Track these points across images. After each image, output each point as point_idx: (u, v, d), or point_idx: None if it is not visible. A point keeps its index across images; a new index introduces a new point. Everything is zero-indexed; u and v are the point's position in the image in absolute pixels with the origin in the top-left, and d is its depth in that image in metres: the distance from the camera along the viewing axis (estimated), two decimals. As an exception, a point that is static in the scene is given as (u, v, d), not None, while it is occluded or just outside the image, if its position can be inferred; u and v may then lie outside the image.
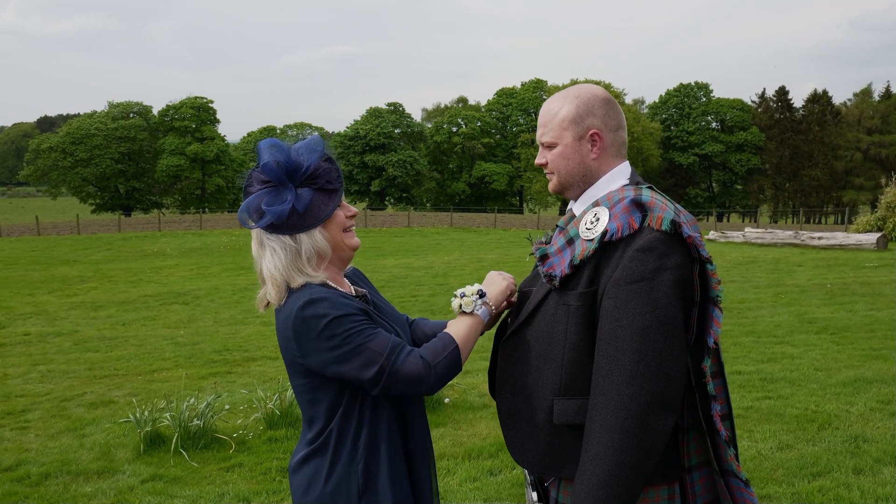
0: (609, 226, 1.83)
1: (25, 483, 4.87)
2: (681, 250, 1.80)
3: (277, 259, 1.95)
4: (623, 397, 1.74)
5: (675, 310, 1.78)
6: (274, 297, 1.97)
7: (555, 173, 2.04)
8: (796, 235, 22.32)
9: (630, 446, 1.73)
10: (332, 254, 2.03)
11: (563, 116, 1.99)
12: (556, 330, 1.90)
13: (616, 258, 1.81)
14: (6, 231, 39.38)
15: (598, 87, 2.03)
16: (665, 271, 1.77)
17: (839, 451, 4.70)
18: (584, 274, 1.86)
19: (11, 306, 13.55)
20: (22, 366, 8.63)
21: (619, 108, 2.03)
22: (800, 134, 61.39)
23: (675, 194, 63.28)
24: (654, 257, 1.77)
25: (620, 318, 1.77)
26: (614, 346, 1.77)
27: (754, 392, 6.25)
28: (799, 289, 12.91)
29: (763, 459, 4.64)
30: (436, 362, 1.91)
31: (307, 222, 1.96)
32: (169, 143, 58.97)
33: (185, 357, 8.81)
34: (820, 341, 8.42)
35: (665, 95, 65.94)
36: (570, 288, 1.88)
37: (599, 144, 1.99)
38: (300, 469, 2.01)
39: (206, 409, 5.47)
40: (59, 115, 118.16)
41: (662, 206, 1.84)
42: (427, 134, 64.05)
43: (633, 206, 1.84)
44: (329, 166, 2.03)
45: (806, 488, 4.14)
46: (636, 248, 1.79)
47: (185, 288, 15.54)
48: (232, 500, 4.43)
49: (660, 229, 1.79)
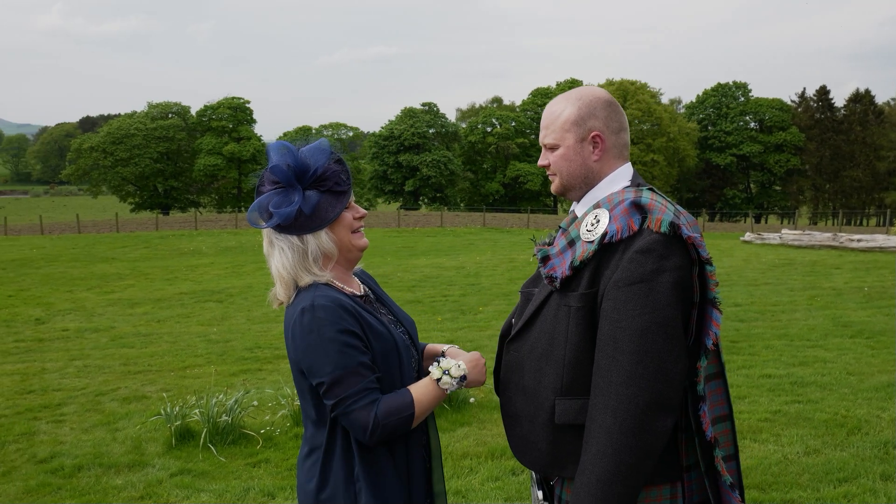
0: (609, 227, 1.85)
1: (59, 475, 5.00)
2: (680, 252, 1.82)
3: (285, 258, 2.01)
4: (622, 398, 1.75)
5: (675, 311, 1.78)
6: (282, 294, 2.04)
7: (557, 175, 2.06)
8: (835, 237, 21.94)
9: (629, 447, 1.74)
10: (339, 255, 2.08)
11: (566, 118, 2.01)
12: (557, 331, 1.92)
13: (616, 260, 1.83)
14: (48, 229, 40.25)
15: (601, 90, 2.05)
16: (664, 273, 1.78)
17: (867, 457, 4.63)
18: (584, 275, 1.87)
19: (51, 302, 13.86)
20: (60, 360, 8.83)
21: (621, 110, 2.04)
22: (841, 134, 60.23)
23: (712, 195, 62.49)
24: (654, 259, 1.79)
25: (620, 320, 1.79)
26: (614, 346, 1.79)
27: (783, 396, 6.18)
28: (835, 292, 12.70)
29: (789, 464, 4.59)
30: (386, 421, 1.93)
31: (314, 224, 2.01)
32: (206, 143, 59.73)
33: (217, 354, 8.94)
34: (854, 345, 8.28)
35: (702, 95, 65.16)
36: (570, 289, 1.89)
37: (601, 146, 2.00)
38: (303, 464, 2.07)
39: (234, 406, 5.56)
40: (100, 116, 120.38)
41: (662, 208, 1.85)
42: (461, 134, 64.03)
43: (633, 207, 1.85)
44: (339, 168, 2.07)
45: (831, 493, 4.09)
46: (635, 250, 1.80)
47: (219, 286, 15.76)
48: (257, 495, 4.50)
49: (659, 231, 1.80)
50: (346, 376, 1.92)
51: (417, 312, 11.35)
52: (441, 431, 5.56)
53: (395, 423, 1.95)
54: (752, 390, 6.39)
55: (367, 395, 1.93)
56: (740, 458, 4.69)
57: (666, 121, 58.89)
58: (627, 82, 62.52)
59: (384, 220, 43.15)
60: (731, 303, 11.73)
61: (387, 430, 1.93)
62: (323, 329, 1.92)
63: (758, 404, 5.95)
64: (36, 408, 6.72)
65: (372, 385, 1.95)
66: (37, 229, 40.05)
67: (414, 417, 1.97)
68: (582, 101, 2.01)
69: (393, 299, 2.32)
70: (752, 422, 5.48)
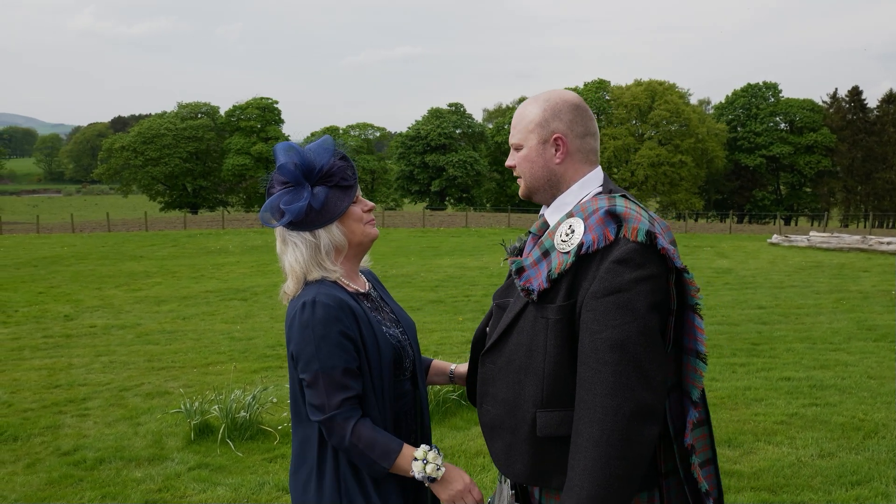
0: (585, 238, 1.84)
1: (81, 467, 5.12)
2: (657, 260, 1.81)
3: (299, 253, 2.08)
4: (607, 409, 1.74)
5: (654, 319, 1.78)
6: (292, 288, 2.11)
7: (521, 176, 2.05)
8: (864, 240, 21.65)
9: (617, 458, 1.73)
10: (349, 248, 2.14)
11: (530, 119, 2.01)
12: (535, 343, 1.90)
13: (593, 270, 1.81)
14: (79, 227, 40.90)
15: (571, 93, 2.03)
16: (642, 282, 1.77)
17: (882, 461, 4.60)
18: (561, 287, 1.85)
19: (80, 299, 14.11)
20: (86, 356, 9.00)
21: (589, 115, 2.03)
22: (873, 135, 59.29)
23: (741, 197, 61.81)
24: (631, 269, 1.78)
25: (600, 331, 1.77)
26: (595, 358, 1.77)
27: (801, 399, 6.14)
28: (862, 295, 12.56)
29: (802, 466, 4.58)
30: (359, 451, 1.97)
31: (324, 218, 2.08)
32: (235, 143, 60.30)
33: (240, 351, 9.06)
34: (878, 349, 8.20)
35: (732, 96, 64.50)
36: (548, 301, 1.87)
37: (563, 149, 1.99)
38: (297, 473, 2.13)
39: (252, 402, 5.65)
40: (131, 116, 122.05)
41: (637, 217, 1.84)
42: (488, 134, 63.99)
43: (608, 217, 1.84)
44: (344, 164, 2.13)
45: (842, 496, 4.07)
46: (612, 261, 1.79)
47: (244, 284, 15.94)
48: (272, 490, 4.58)
49: (636, 240, 1.79)
50: (328, 378, 1.97)
51: (439, 312, 11.40)
52: (455, 430, 5.61)
53: (363, 461, 1.98)
54: (769, 393, 6.36)
55: (351, 412, 1.98)
56: (754, 459, 4.69)
57: (694, 121, 58.38)
58: (656, 82, 62.08)
59: (409, 220, 43.27)
60: (755, 305, 11.65)
61: (354, 454, 1.97)
62: (318, 326, 1.98)
63: (775, 407, 5.92)
64: (62, 402, 6.87)
65: (353, 395, 1.99)
66: (68, 227, 40.72)
67: (383, 470, 1.99)
68: (548, 103, 2.01)
69: (412, 299, 2.37)
70: (768, 424, 5.46)
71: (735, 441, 5.11)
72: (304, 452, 2.10)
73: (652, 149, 58.83)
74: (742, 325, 9.88)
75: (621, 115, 61.19)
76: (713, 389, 6.55)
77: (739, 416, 5.70)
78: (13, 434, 5.87)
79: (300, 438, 2.12)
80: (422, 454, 2.01)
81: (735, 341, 8.80)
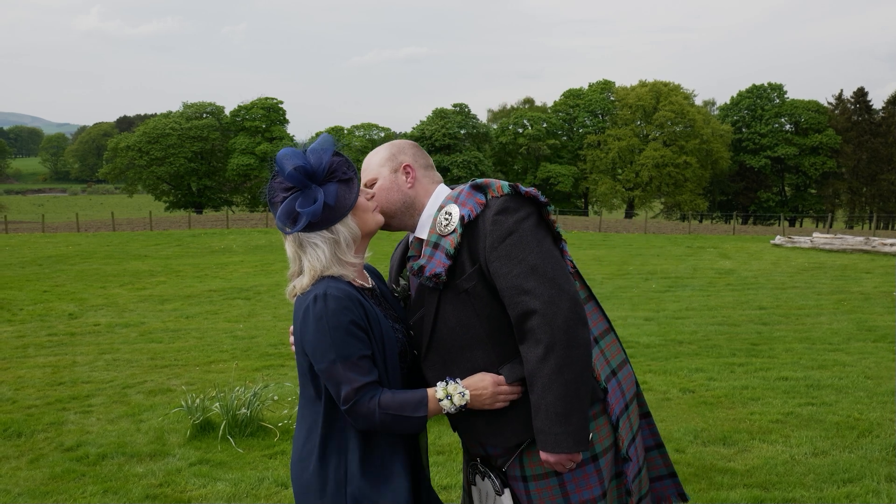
0: (463, 212, 2.13)
1: (84, 462, 5.18)
2: (527, 202, 2.12)
3: (321, 252, 2.13)
4: (542, 327, 1.98)
5: (548, 243, 2.10)
6: (305, 283, 2.14)
7: (378, 205, 2.30)
8: (867, 241, 21.64)
9: (567, 365, 1.98)
10: (361, 238, 2.21)
11: (380, 157, 2.36)
12: (466, 317, 2.13)
13: (482, 231, 2.09)
14: (84, 226, 41.07)
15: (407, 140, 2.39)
16: (524, 220, 2.08)
17: (875, 459, 4.64)
18: (463, 258, 2.11)
19: (85, 298, 14.20)
20: (90, 354, 9.08)
21: (425, 152, 2.38)
22: (879, 136, 59.19)
23: (746, 198, 61.72)
24: (510, 214, 2.08)
25: (510, 270, 2.04)
26: (517, 292, 2.02)
27: (798, 398, 6.18)
28: (863, 296, 12.58)
29: (795, 464, 4.62)
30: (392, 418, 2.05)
31: (339, 213, 2.14)
32: (240, 143, 60.41)
33: (242, 350, 9.13)
34: (876, 350, 8.23)
35: (736, 97, 64.42)
36: (457, 276, 2.12)
37: (412, 175, 2.32)
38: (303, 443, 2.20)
39: (253, 399, 5.72)
40: (137, 116, 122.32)
41: (495, 180, 2.16)
42: (492, 135, 64.03)
43: (473, 189, 2.16)
44: (340, 159, 2.19)
45: (833, 494, 4.12)
46: (493, 214, 2.08)
47: (247, 284, 16.02)
48: (271, 485, 4.64)
49: (503, 194, 2.11)
50: (346, 365, 2.03)
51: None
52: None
53: (394, 424, 2.06)
54: (766, 392, 6.40)
55: (373, 391, 2.05)
56: (748, 457, 4.74)
57: (699, 122, 58.32)
58: (661, 83, 62.04)
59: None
60: (756, 306, 11.68)
61: (386, 424, 2.05)
62: (331, 317, 2.04)
63: (771, 406, 5.97)
64: (65, 399, 6.94)
65: (373, 380, 2.06)
66: (73, 227, 40.88)
67: (417, 424, 2.08)
68: (392, 146, 2.38)
69: None
70: (764, 423, 5.51)
71: (730, 439, 5.16)
72: (310, 434, 2.16)
73: (657, 150, 58.79)
74: (742, 326, 9.92)
75: (626, 116, 61.16)
76: (711, 389, 6.60)
77: (736, 416, 5.74)
78: (17, 430, 5.94)
79: (307, 425, 2.19)
80: (442, 393, 2.11)
81: (734, 341, 8.84)
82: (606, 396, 2.19)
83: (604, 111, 62.88)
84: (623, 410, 2.26)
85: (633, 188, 60.32)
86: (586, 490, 2.15)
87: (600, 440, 2.18)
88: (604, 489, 2.17)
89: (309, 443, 2.16)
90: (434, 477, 4.57)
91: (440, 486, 4.48)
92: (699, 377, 7.08)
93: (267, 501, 4.43)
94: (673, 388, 6.65)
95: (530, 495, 2.17)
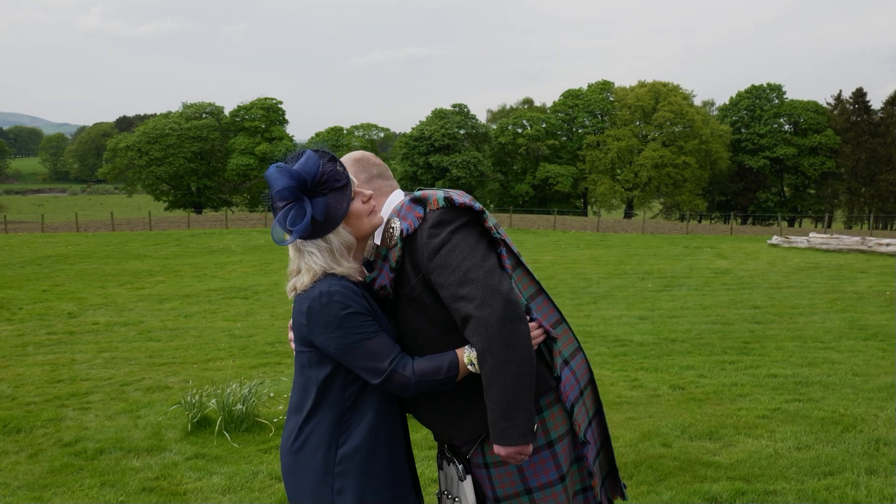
0: (402, 226, 2.25)
1: (82, 457, 5.28)
2: (462, 213, 2.24)
3: (317, 258, 2.24)
4: (479, 330, 2.09)
5: (483, 248, 2.20)
6: (307, 282, 2.25)
7: (375, 206, 2.38)
8: (863, 241, 21.74)
9: (505, 363, 2.09)
10: (357, 243, 2.30)
11: None
12: (419, 323, 2.27)
13: (420, 244, 2.21)
14: (84, 226, 41.16)
15: (356, 151, 2.51)
16: (456, 231, 2.19)
17: (857, 453, 4.74)
18: (406, 271, 2.24)
19: (84, 297, 14.30)
20: (89, 352, 9.17)
21: (372, 162, 2.46)
22: (878, 137, 59.28)
23: (745, 198, 61.81)
24: (444, 227, 2.20)
25: (447, 278, 2.15)
26: (455, 299, 2.14)
27: (785, 394, 6.28)
28: (857, 296, 12.67)
29: (778, 458, 4.72)
30: (428, 380, 2.21)
31: (329, 226, 2.23)
32: (239, 143, 60.52)
33: (239, 348, 9.22)
34: (866, 348, 8.32)
35: (736, 97, 64.52)
36: (403, 286, 2.26)
37: None
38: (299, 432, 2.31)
39: (248, 395, 5.81)
40: (136, 116, 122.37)
41: (433, 193, 2.28)
42: (491, 135, 64.10)
43: (413, 203, 2.29)
44: (333, 166, 2.26)
45: (813, 486, 4.21)
46: (429, 227, 2.21)
47: (246, 283, 16.12)
48: (265, 479, 4.74)
49: (439, 207, 2.23)
50: (368, 344, 2.18)
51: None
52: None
53: (429, 386, 2.21)
54: (755, 389, 6.50)
55: (402, 358, 2.21)
56: (733, 451, 4.83)
57: (698, 123, 58.41)
58: (660, 84, 62.13)
59: (413, 221, 43.28)
60: (750, 305, 11.77)
61: (422, 388, 2.20)
62: (340, 309, 2.17)
63: (758, 402, 6.06)
64: (64, 396, 7.03)
65: (398, 350, 2.22)
66: (73, 227, 40.98)
67: (450, 383, 2.23)
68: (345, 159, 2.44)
69: None
70: (750, 418, 5.60)
71: (716, 434, 5.25)
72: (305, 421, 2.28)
73: (656, 150, 58.88)
74: (736, 325, 10.01)
75: (625, 117, 61.26)
76: (701, 386, 6.69)
77: (723, 411, 5.84)
78: (17, 426, 6.03)
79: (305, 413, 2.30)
80: (467, 359, 2.22)
81: (727, 340, 8.93)
82: (559, 384, 2.31)
83: (603, 111, 62.97)
84: (578, 396, 2.37)
85: (632, 188, 60.41)
86: (543, 475, 2.29)
87: (555, 427, 2.30)
88: (562, 473, 2.30)
89: (304, 431, 2.27)
90: (426, 472, 4.66)
91: (431, 479, 4.57)
92: (690, 374, 7.17)
93: (261, 494, 4.52)
94: (663, 385, 6.75)
95: (492, 480, 2.32)
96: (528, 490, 2.30)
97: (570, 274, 17.11)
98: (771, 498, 4.10)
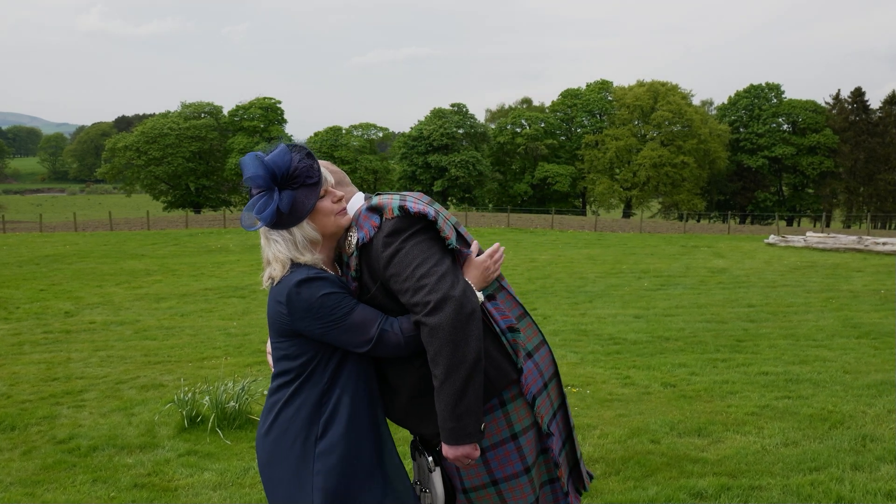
0: (359, 235, 2.30)
1: (75, 454, 5.31)
2: (416, 220, 2.27)
3: (280, 247, 2.30)
4: (430, 333, 2.15)
5: (436, 253, 2.24)
6: (279, 272, 2.30)
7: (345, 207, 2.44)
8: (860, 240, 21.79)
9: (455, 365, 2.14)
10: (323, 240, 2.34)
11: None
12: None
13: (375, 253, 2.27)
14: (82, 226, 41.18)
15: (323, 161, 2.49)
16: (409, 238, 2.24)
17: (843, 449, 4.77)
18: (365, 279, 2.32)
19: (81, 296, 14.33)
20: (84, 351, 9.21)
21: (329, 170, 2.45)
22: (876, 136, 59.36)
23: (743, 198, 61.87)
24: (398, 235, 2.24)
25: (402, 286, 2.21)
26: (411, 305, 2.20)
27: (775, 392, 6.31)
28: (852, 294, 12.71)
29: (765, 454, 4.75)
30: (411, 339, 2.25)
31: (294, 218, 2.29)
32: (238, 143, 60.53)
33: (235, 347, 9.25)
34: (858, 346, 8.36)
35: (734, 97, 64.59)
36: (366, 294, 2.33)
37: None
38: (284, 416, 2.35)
39: (241, 393, 5.85)
40: (135, 115, 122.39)
41: (389, 200, 2.31)
42: (490, 135, 64.14)
43: (369, 212, 2.32)
44: (308, 163, 2.31)
45: (798, 481, 4.25)
46: (384, 236, 2.25)
47: (243, 282, 16.15)
48: (256, 475, 4.76)
49: (393, 216, 2.26)
50: (353, 316, 2.24)
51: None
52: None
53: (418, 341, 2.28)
54: (745, 386, 6.53)
55: (387, 320, 2.27)
56: (721, 447, 4.87)
57: (697, 122, 58.46)
58: (658, 83, 62.17)
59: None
60: (745, 304, 11.81)
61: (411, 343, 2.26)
62: (320, 293, 2.22)
63: (748, 399, 6.10)
64: (59, 394, 7.07)
65: (380, 317, 2.27)
66: (71, 226, 41.01)
67: None
68: None
69: None
70: (739, 415, 5.64)
71: (705, 430, 5.29)
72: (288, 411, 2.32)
73: (654, 149, 58.93)
74: (730, 323, 10.05)
75: (624, 116, 61.31)
76: (692, 383, 6.73)
77: (713, 408, 5.87)
78: (11, 424, 6.06)
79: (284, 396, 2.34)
80: None
81: (720, 338, 8.97)
82: (521, 377, 2.34)
83: (602, 111, 63.02)
84: (542, 389, 2.41)
85: (630, 188, 60.46)
86: (508, 466, 2.35)
87: (519, 420, 2.35)
88: (527, 465, 2.36)
89: (281, 418, 2.32)
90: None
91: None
92: (681, 372, 7.21)
93: (251, 490, 4.55)
94: (655, 383, 6.78)
95: (460, 472, 2.39)
96: (495, 482, 2.36)
97: (567, 273, 17.15)
98: (756, 493, 4.14)
